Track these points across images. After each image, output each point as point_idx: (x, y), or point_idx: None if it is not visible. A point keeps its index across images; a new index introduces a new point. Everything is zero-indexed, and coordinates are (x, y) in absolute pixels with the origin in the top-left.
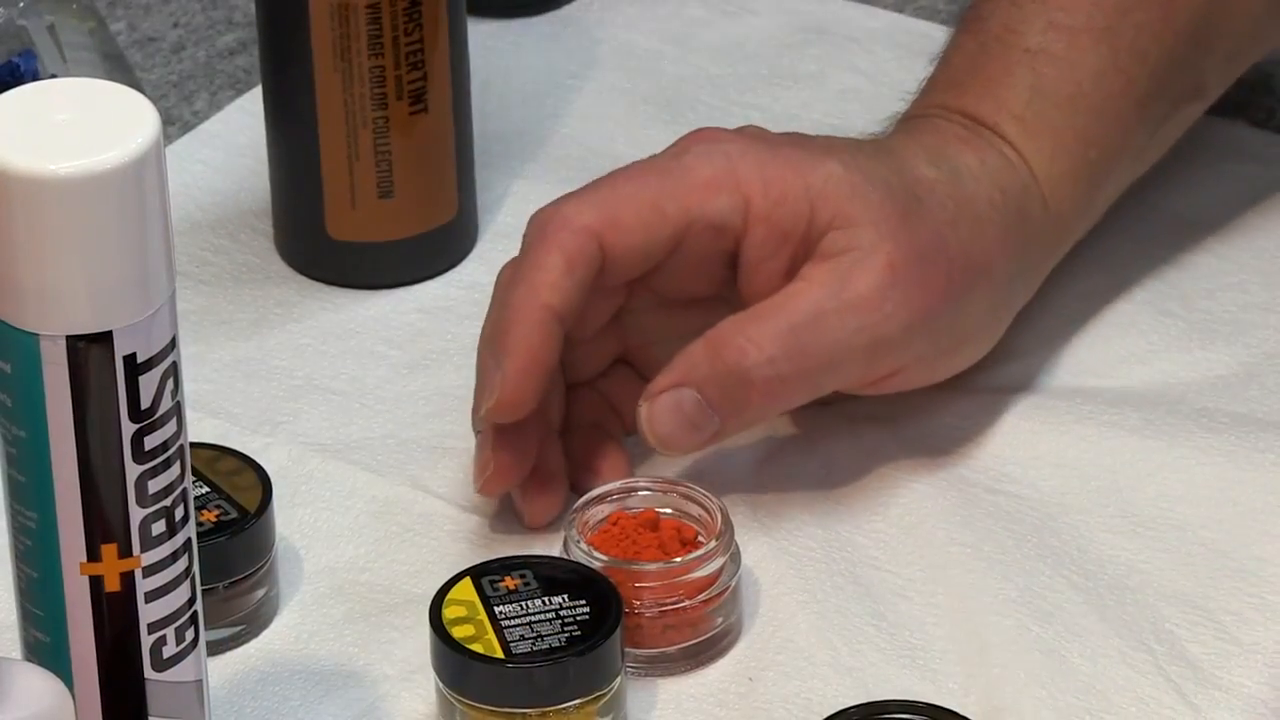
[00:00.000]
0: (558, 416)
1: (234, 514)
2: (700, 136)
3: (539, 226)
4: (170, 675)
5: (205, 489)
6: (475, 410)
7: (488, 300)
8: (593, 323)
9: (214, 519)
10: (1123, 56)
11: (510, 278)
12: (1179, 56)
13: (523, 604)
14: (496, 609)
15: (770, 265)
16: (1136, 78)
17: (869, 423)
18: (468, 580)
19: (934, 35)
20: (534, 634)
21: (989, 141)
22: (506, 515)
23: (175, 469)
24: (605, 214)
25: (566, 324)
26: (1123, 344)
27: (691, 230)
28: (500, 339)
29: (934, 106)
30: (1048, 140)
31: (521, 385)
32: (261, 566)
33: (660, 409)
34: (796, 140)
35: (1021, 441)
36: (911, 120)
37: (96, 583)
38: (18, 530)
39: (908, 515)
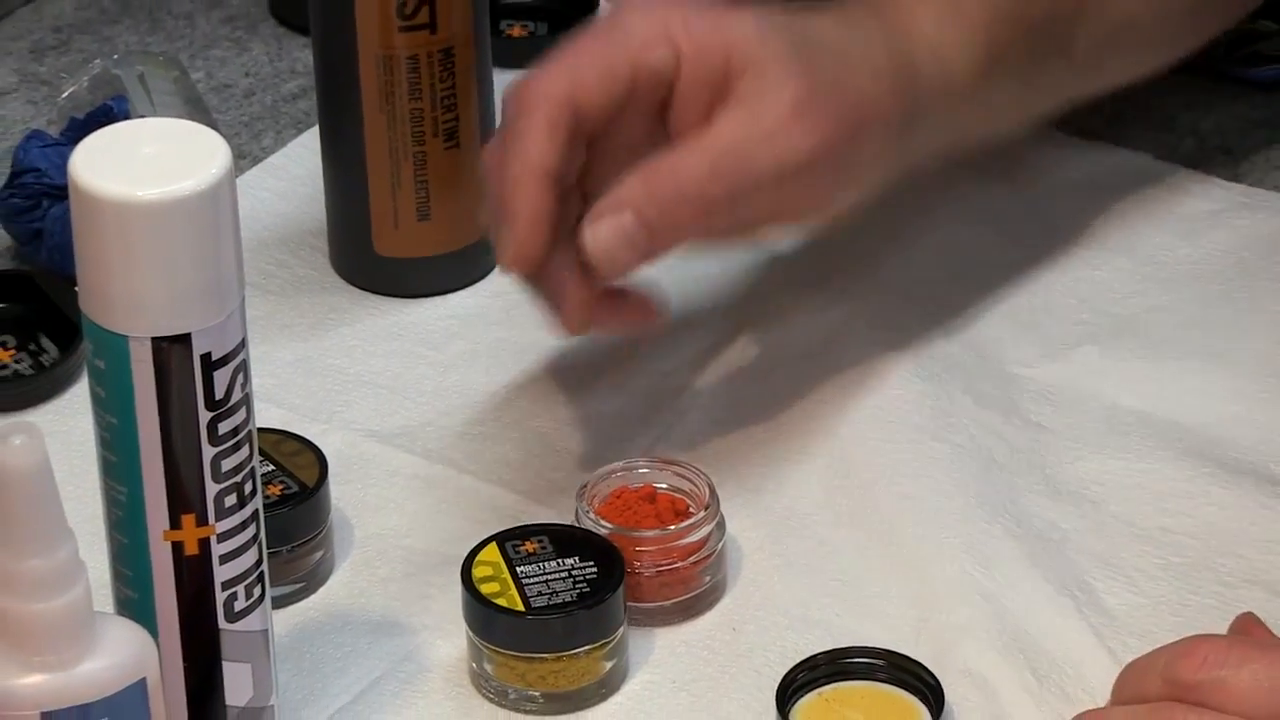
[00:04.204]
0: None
1: (295, 488)
2: (637, 3)
3: (519, 102)
4: (241, 626)
5: (270, 467)
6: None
7: (512, 307)
8: (570, 176)
9: (278, 493)
10: None
11: (504, 152)
12: (1066, 11)
13: (540, 565)
14: (518, 569)
15: (695, 107)
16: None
17: (836, 393)
18: (494, 545)
19: None
20: (550, 590)
21: (888, 13)
22: (527, 490)
23: (245, 450)
24: (573, 82)
25: (559, 182)
26: (1046, 344)
27: (638, 80)
28: (505, 207)
29: None
30: (949, 9)
31: (530, 241)
32: (319, 533)
33: (603, 228)
34: (714, 3)
35: (963, 411)
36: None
37: (177, 548)
38: (110, 503)
39: (868, 474)
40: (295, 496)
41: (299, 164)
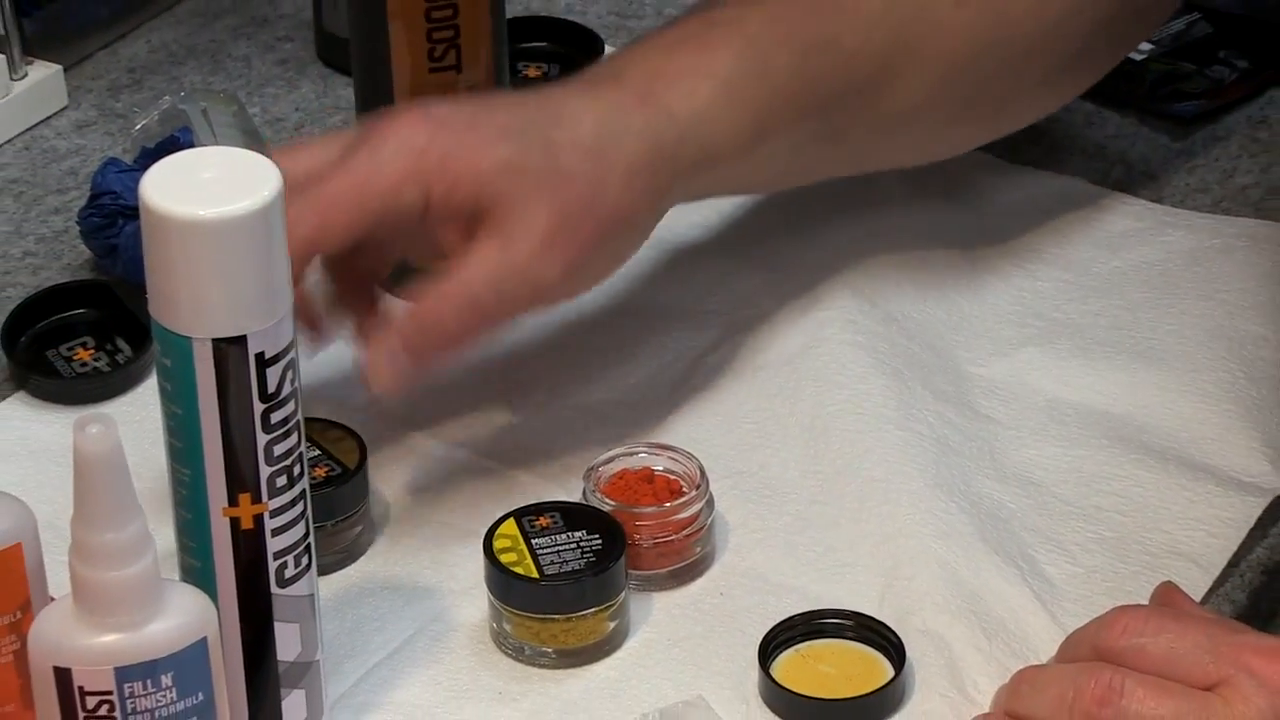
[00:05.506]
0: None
1: (339, 470)
2: (398, 127)
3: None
4: (290, 591)
5: (317, 451)
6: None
7: (528, 320)
8: (356, 264)
9: (323, 474)
10: (807, 75)
11: None
12: (842, 100)
13: (553, 537)
14: (533, 541)
15: (453, 228)
16: (808, 95)
17: (812, 387)
18: (512, 520)
19: None
20: (561, 560)
21: (656, 97)
22: (541, 471)
23: (294, 437)
24: (318, 227)
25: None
26: (994, 345)
27: (386, 216)
28: None
29: (636, 63)
30: (721, 91)
31: None
32: (359, 509)
33: (374, 356)
34: (479, 121)
35: (922, 404)
36: (612, 74)
37: (235, 523)
38: (175, 483)
39: (840, 459)
40: (339, 477)
41: None
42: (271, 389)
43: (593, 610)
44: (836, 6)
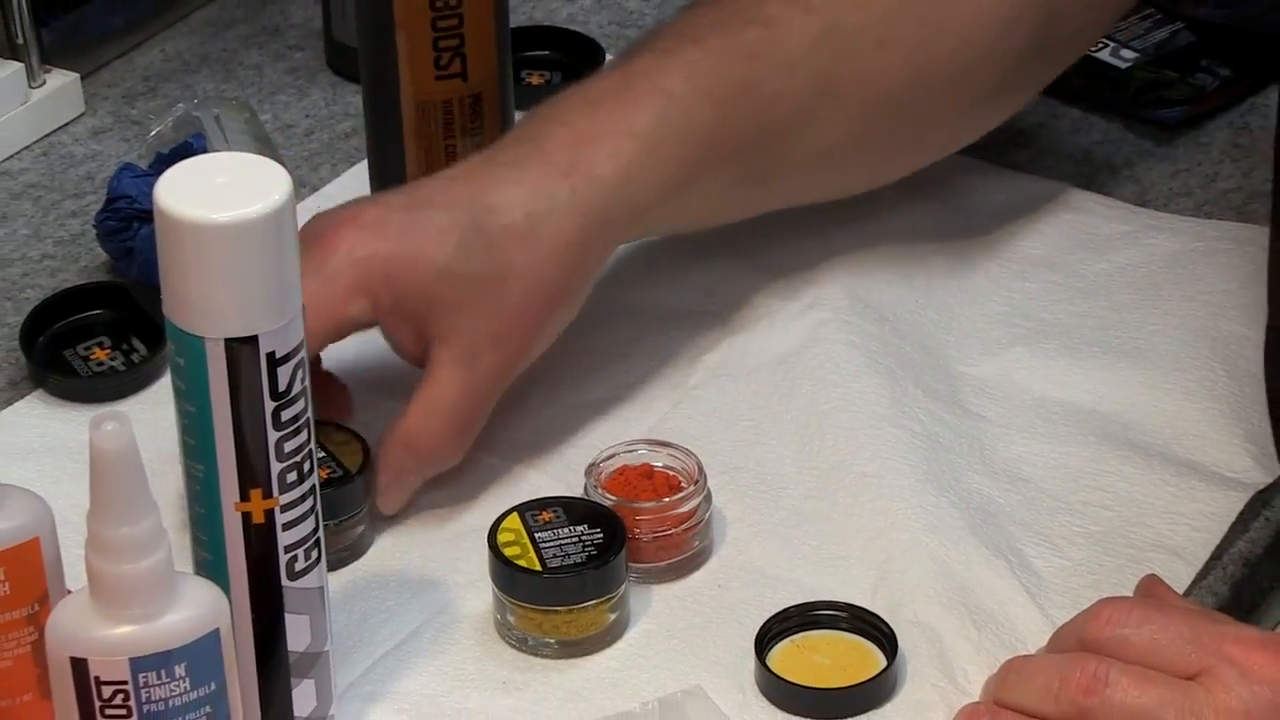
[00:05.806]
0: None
1: (340, 473)
2: (339, 240)
3: None
4: (300, 583)
5: (322, 453)
6: None
7: None
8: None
9: (324, 476)
10: (726, 124)
11: None
12: (764, 144)
13: (555, 531)
14: (536, 535)
15: (402, 332)
16: (729, 141)
17: (807, 386)
18: (515, 514)
19: None
20: (563, 553)
21: (580, 167)
22: (543, 468)
23: (304, 434)
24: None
25: None
26: (983, 345)
27: (339, 328)
28: None
29: (558, 127)
30: (642, 148)
31: None
32: (359, 511)
33: (383, 484)
34: (415, 221)
35: (914, 402)
36: (535, 139)
37: (246, 517)
38: (189, 479)
39: (834, 455)
40: (343, 478)
41: (350, 192)
42: (282, 387)
43: (594, 602)
44: (755, 52)
